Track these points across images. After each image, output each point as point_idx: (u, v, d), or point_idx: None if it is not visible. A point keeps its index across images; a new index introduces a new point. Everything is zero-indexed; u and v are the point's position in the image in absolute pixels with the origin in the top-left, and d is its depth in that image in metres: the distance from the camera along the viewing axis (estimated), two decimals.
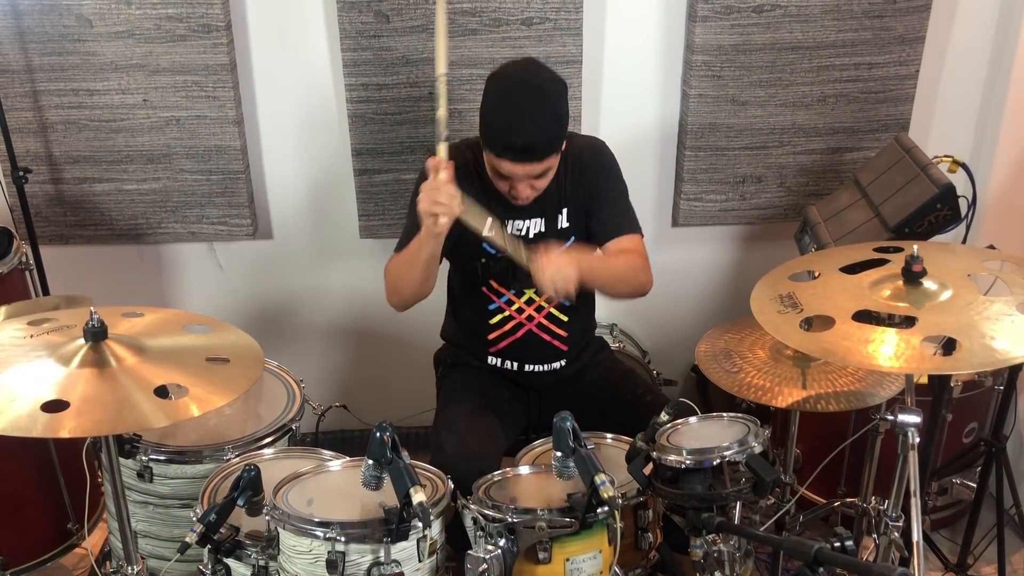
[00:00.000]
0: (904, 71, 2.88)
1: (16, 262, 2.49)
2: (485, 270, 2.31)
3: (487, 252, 2.29)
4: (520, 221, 2.28)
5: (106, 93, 2.74)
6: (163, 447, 2.16)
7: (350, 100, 2.80)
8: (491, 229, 2.11)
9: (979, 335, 1.69)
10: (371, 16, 2.69)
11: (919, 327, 1.74)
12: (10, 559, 2.49)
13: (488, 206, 2.17)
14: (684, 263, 3.16)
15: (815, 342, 1.79)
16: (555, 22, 2.74)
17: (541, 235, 2.29)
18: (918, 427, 1.85)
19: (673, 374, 3.22)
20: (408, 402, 2.77)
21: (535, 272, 2.08)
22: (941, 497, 2.80)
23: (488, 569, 1.79)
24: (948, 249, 2.08)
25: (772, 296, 1.96)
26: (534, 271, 2.09)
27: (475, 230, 2.11)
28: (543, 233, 2.29)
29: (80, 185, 2.86)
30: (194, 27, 2.67)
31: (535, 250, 2.11)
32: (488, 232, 2.11)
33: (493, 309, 2.35)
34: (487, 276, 2.32)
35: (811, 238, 2.70)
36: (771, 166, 2.98)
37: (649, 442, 1.87)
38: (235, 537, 1.86)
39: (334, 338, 3.19)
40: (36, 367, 1.74)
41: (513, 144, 2.07)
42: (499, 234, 2.13)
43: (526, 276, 2.16)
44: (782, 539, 1.65)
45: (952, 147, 2.61)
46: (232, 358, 1.88)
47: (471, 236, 2.19)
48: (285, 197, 3.00)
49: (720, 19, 2.77)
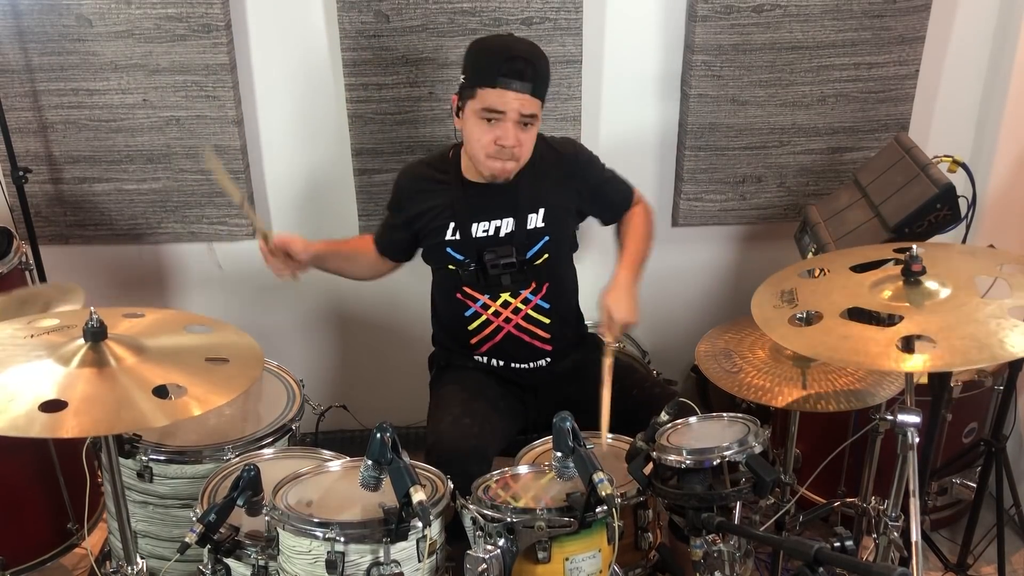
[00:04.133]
0: (904, 71, 2.88)
1: (16, 262, 2.49)
2: (456, 276, 2.33)
3: (454, 258, 2.31)
4: (487, 222, 2.29)
5: (106, 93, 2.74)
6: (163, 447, 2.16)
7: (350, 100, 2.80)
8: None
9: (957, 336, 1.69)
10: (371, 16, 2.69)
11: (901, 326, 1.75)
12: (10, 559, 2.49)
13: (465, 204, 2.27)
14: (684, 263, 3.16)
15: (800, 337, 1.80)
16: (555, 22, 2.74)
17: (511, 235, 2.30)
18: (918, 427, 1.85)
19: (673, 374, 3.22)
20: (408, 402, 2.76)
21: (604, 320, 2.24)
22: (941, 497, 2.80)
23: (487, 569, 1.79)
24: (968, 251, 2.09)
25: (775, 291, 1.98)
26: (603, 319, 2.24)
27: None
28: (513, 233, 2.30)
29: (80, 185, 2.86)
30: (194, 27, 2.67)
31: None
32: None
33: (470, 315, 2.36)
34: (459, 283, 2.33)
35: (811, 238, 2.70)
36: (771, 166, 2.98)
37: (649, 442, 1.87)
38: (235, 537, 1.85)
39: (334, 338, 3.20)
40: (36, 367, 1.74)
41: (514, 62, 2.13)
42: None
43: (496, 280, 2.30)
44: (782, 539, 1.65)
45: (952, 147, 2.61)
46: (232, 358, 1.88)
47: (437, 244, 2.30)
48: (285, 197, 3.00)
49: (720, 19, 2.77)
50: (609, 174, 2.45)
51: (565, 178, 2.34)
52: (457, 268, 2.32)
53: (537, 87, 2.16)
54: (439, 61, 2.75)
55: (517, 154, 2.20)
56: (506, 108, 2.14)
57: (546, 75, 2.20)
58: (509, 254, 2.29)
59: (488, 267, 2.29)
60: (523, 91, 2.13)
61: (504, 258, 2.29)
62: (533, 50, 2.19)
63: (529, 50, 2.19)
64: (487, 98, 2.14)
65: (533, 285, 2.33)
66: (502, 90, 2.13)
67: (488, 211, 2.28)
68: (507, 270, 2.30)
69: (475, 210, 2.27)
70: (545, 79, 2.20)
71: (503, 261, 2.29)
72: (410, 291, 2.60)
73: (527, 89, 2.14)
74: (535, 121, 2.20)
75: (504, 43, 2.23)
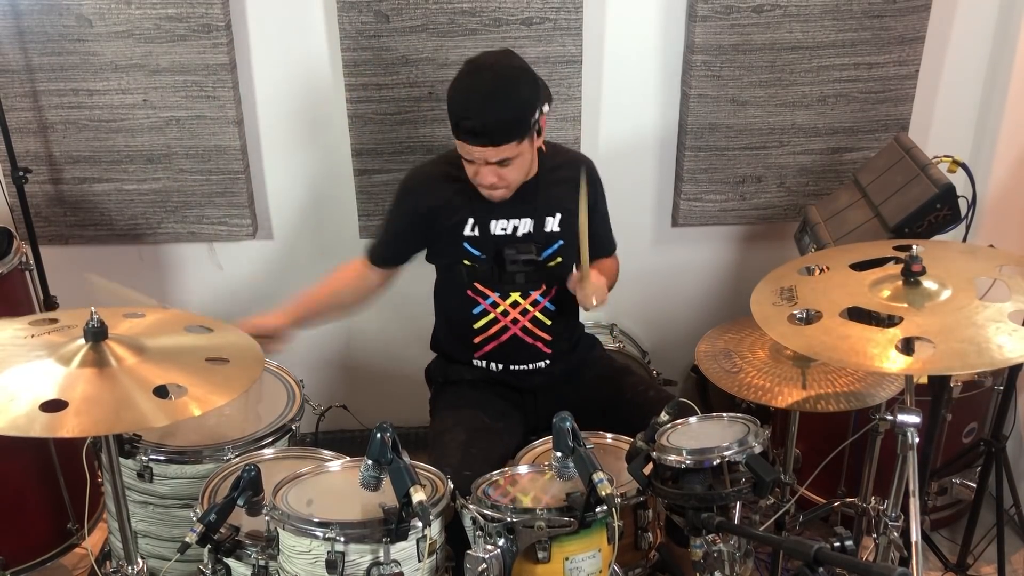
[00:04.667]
0: (904, 71, 2.88)
1: (16, 262, 2.49)
2: (470, 272, 2.32)
3: (470, 254, 2.30)
4: (506, 220, 2.29)
5: (106, 93, 2.74)
6: (163, 447, 2.16)
7: (350, 100, 2.80)
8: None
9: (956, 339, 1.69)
10: (371, 16, 2.69)
11: (901, 327, 1.75)
12: (10, 559, 2.49)
13: (484, 201, 2.24)
14: (684, 263, 3.16)
15: (799, 336, 1.80)
16: (555, 22, 2.74)
17: (529, 235, 2.30)
18: (917, 427, 1.86)
19: (673, 374, 3.22)
20: (408, 402, 2.76)
21: (583, 287, 2.24)
22: (941, 497, 2.80)
23: (487, 569, 1.79)
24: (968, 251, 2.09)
25: (775, 288, 1.97)
26: (581, 286, 2.24)
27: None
28: (531, 234, 2.30)
29: (80, 185, 2.86)
30: (194, 27, 2.67)
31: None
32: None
33: (478, 312, 2.35)
34: (472, 278, 2.33)
35: (811, 238, 2.70)
36: (771, 166, 2.98)
37: (649, 442, 1.87)
38: (235, 537, 1.85)
39: (334, 338, 3.19)
40: (36, 367, 1.74)
41: (465, 124, 2.10)
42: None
43: (511, 277, 2.29)
44: (782, 539, 1.64)
45: (952, 147, 2.61)
46: (232, 358, 1.88)
47: (453, 239, 2.28)
48: (285, 197, 3.00)
49: (720, 19, 2.77)
50: (606, 215, 2.47)
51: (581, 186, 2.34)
52: (472, 263, 2.31)
53: (499, 138, 2.09)
54: (439, 61, 2.75)
55: (501, 185, 2.20)
56: (472, 158, 2.15)
57: (510, 122, 2.10)
58: (529, 251, 2.28)
59: (507, 263, 2.28)
60: (483, 145, 2.10)
61: (524, 254, 2.28)
62: (488, 105, 2.08)
63: (481, 108, 2.08)
64: (458, 142, 2.15)
65: (543, 287, 2.34)
66: (464, 144, 2.13)
67: (508, 211, 2.28)
68: (525, 267, 2.29)
69: (494, 208, 2.27)
70: (508, 127, 2.10)
71: (523, 257, 2.28)
72: (410, 291, 2.60)
73: (486, 143, 2.10)
74: (512, 160, 2.15)
75: (464, 100, 2.12)
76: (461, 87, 2.15)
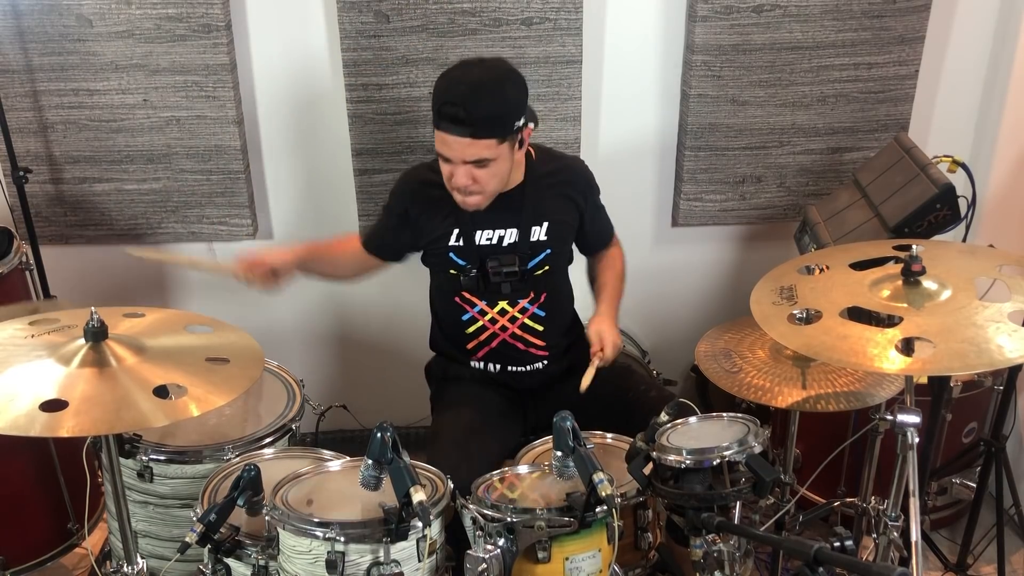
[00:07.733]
0: (904, 71, 2.88)
1: (16, 262, 2.49)
2: (457, 281, 2.32)
3: (456, 263, 2.31)
4: (491, 231, 2.29)
5: (106, 93, 2.74)
6: (163, 447, 2.16)
7: (350, 100, 2.80)
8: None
9: (956, 340, 1.69)
10: (371, 16, 2.69)
11: (900, 327, 1.75)
12: (10, 559, 2.49)
13: (469, 212, 2.23)
14: (684, 263, 3.16)
15: (799, 336, 1.80)
16: (555, 22, 2.74)
17: (514, 246, 2.30)
18: (917, 427, 1.86)
19: (673, 374, 3.22)
20: (408, 402, 2.77)
21: (595, 344, 2.27)
22: (941, 497, 2.80)
23: (487, 569, 1.79)
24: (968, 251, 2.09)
25: (775, 287, 1.97)
26: (594, 345, 2.27)
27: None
28: (516, 244, 2.30)
29: (80, 185, 2.86)
30: (194, 27, 2.67)
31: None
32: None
33: (467, 319, 2.36)
34: (459, 287, 2.33)
35: (811, 238, 2.70)
36: (771, 166, 2.98)
37: (649, 442, 1.87)
38: (235, 537, 1.86)
39: (334, 338, 3.20)
40: (36, 367, 1.74)
41: (447, 110, 2.05)
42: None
43: (496, 287, 2.30)
44: (782, 539, 1.65)
45: (952, 147, 2.61)
46: (232, 358, 1.88)
47: (439, 248, 2.29)
48: (285, 197, 3.00)
49: (720, 19, 2.77)
50: (602, 205, 2.46)
51: (569, 193, 2.34)
52: (458, 273, 2.31)
53: (480, 130, 2.05)
54: (439, 61, 2.75)
55: (476, 190, 2.16)
56: (449, 154, 2.11)
57: (492, 117, 2.06)
58: (512, 263, 2.29)
59: (490, 274, 2.29)
60: (462, 135, 2.05)
61: (507, 267, 2.29)
62: (476, 91, 2.05)
63: (469, 92, 2.04)
64: (437, 136, 2.12)
65: (531, 295, 2.34)
66: (443, 134, 2.09)
67: (492, 220, 2.28)
68: (508, 278, 2.30)
69: (479, 218, 2.27)
70: (492, 120, 2.06)
71: (505, 269, 2.29)
72: (410, 291, 2.60)
73: (466, 133, 2.04)
74: (488, 162, 2.10)
75: (449, 82, 2.10)
76: (449, 75, 2.14)
